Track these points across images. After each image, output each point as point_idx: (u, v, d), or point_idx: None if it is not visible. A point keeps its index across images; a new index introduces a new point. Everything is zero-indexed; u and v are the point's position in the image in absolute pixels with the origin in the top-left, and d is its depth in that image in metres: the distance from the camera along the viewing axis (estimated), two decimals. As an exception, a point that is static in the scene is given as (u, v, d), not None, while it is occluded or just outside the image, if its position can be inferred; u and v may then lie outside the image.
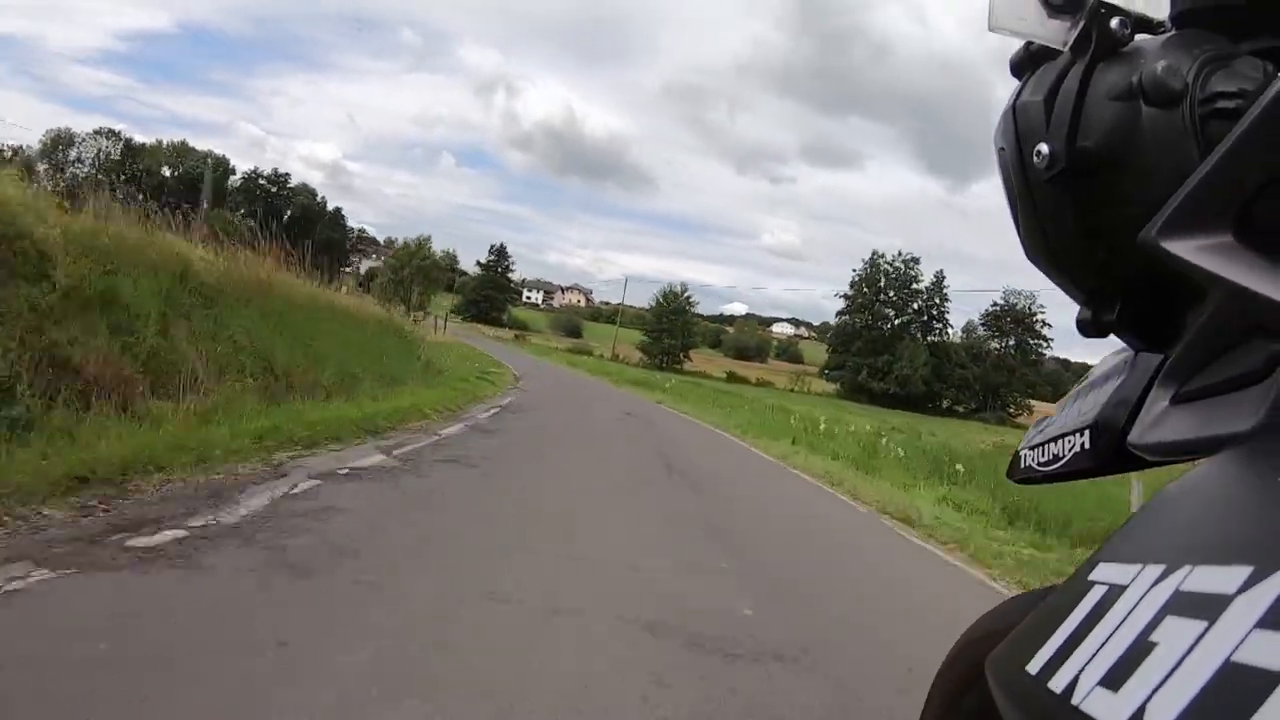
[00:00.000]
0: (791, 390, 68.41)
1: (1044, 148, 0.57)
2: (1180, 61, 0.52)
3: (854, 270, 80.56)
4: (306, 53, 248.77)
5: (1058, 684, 0.43)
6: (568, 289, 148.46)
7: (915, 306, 78.33)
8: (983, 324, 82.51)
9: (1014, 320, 78.42)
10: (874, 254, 79.33)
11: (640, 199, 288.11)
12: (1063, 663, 0.44)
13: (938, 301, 78.48)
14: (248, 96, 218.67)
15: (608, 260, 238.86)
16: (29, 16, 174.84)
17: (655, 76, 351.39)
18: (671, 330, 78.73)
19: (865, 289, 78.35)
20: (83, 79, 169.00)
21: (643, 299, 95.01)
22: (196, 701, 2.11)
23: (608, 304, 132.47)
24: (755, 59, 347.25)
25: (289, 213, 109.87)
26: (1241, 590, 0.34)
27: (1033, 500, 8.45)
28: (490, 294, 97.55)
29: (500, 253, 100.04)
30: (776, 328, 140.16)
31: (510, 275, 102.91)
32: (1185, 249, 0.46)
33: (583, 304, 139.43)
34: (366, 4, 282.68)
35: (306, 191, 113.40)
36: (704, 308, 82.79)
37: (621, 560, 4.35)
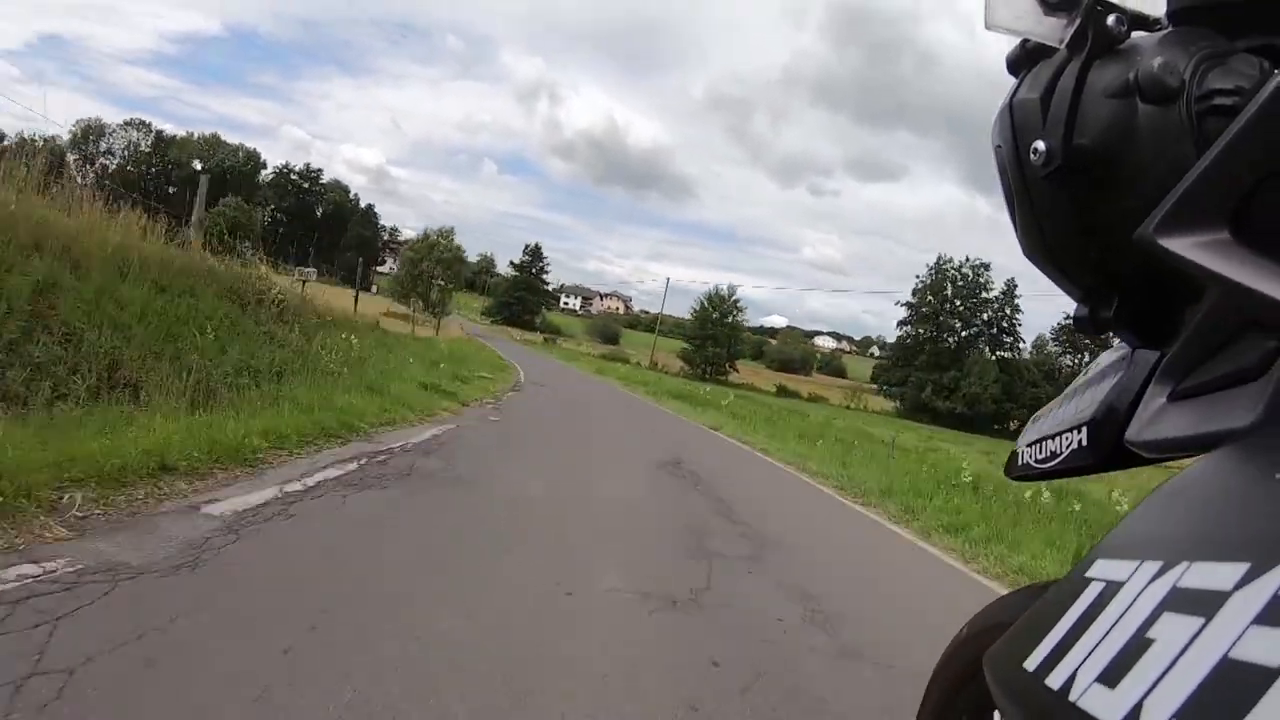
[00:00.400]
0: (848, 407, 61.87)
1: (1040, 145, 0.57)
2: (1177, 59, 0.52)
3: (918, 277, 73.29)
4: (352, 58, 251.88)
5: (1055, 680, 0.43)
6: (606, 296, 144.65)
7: (985, 317, 70.75)
8: (1054, 339, 74.72)
9: (1089, 337, 70.40)
10: (940, 259, 71.67)
11: (681, 209, 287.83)
12: (1060, 659, 0.44)
13: (1008, 313, 70.77)
14: (294, 100, 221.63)
15: (647, 270, 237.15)
16: (79, 17, 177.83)
17: (698, 86, 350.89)
18: (716, 337, 71.20)
19: (930, 297, 71.01)
20: (131, 79, 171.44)
21: (683, 308, 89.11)
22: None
23: (647, 312, 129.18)
24: (799, 70, 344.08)
25: (320, 209, 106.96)
26: (1239, 586, 0.34)
27: None
28: (523, 296, 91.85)
29: (535, 253, 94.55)
30: (818, 341, 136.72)
31: (545, 277, 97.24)
32: (1182, 246, 0.46)
33: (622, 311, 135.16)
34: (412, 10, 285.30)
35: (339, 188, 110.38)
36: (743, 319, 75.60)
37: None
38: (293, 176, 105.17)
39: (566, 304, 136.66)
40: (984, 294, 70.28)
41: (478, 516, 4.42)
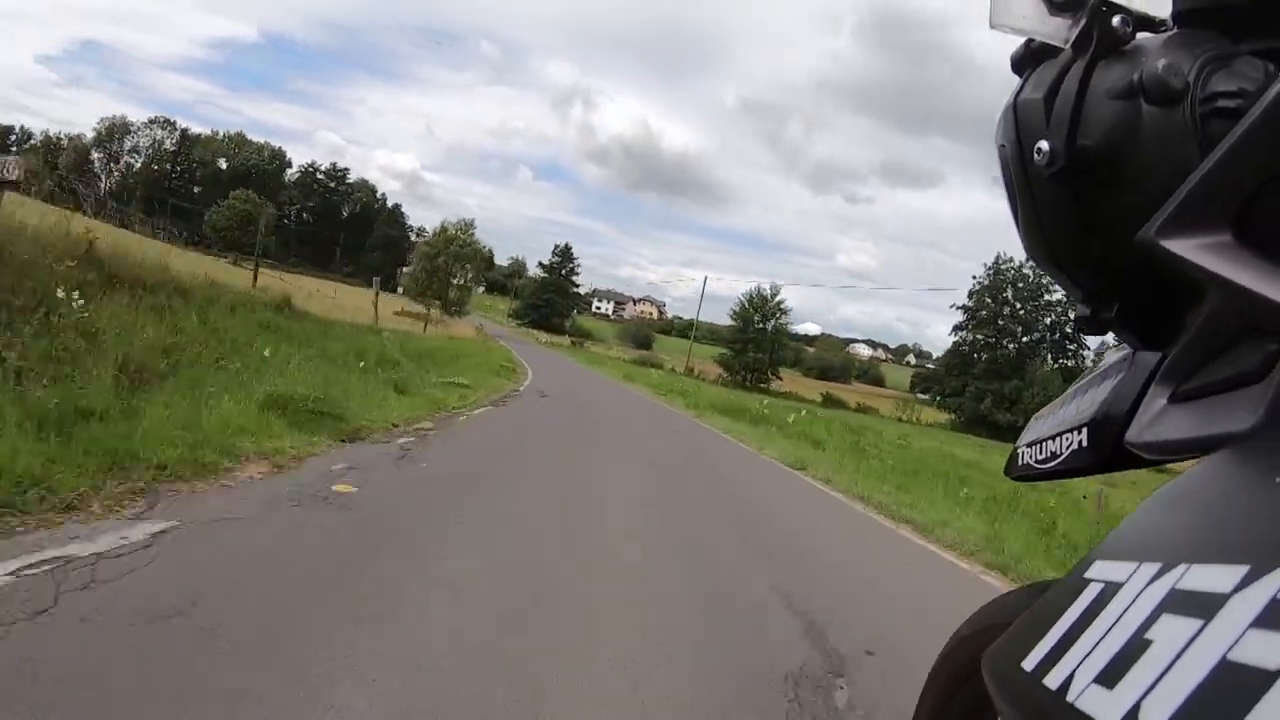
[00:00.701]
0: (900, 419, 56.55)
1: (1044, 145, 0.57)
2: (1181, 60, 0.52)
3: (974, 278, 67.39)
4: (387, 64, 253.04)
5: (1053, 680, 0.43)
6: (639, 300, 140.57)
7: (1048, 321, 64.86)
8: (1116, 346, 67.93)
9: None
10: (998, 258, 65.61)
11: (715, 216, 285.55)
12: (1058, 659, 0.44)
13: (1072, 317, 64.48)
14: (329, 105, 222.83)
15: (681, 276, 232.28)
16: (117, 23, 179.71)
17: (732, 92, 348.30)
18: (758, 342, 65.20)
19: (988, 300, 65.30)
20: (168, 84, 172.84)
21: (718, 315, 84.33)
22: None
23: (680, 318, 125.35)
24: (834, 75, 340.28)
25: (347, 210, 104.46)
26: (1237, 589, 0.34)
27: None
28: (552, 298, 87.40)
29: (565, 253, 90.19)
30: (853, 349, 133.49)
31: (575, 278, 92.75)
32: (1184, 248, 0.46)
33: (655, 316, 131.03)
34: (446, 17, 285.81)
35: (366, 188, 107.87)
36: (786, 321, 70.00)
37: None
38: (319, 176, 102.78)
39: (599, 308, 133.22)
40: (1046, 296, 64.24)
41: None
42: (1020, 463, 0.79)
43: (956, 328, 66.46)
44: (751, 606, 3.56)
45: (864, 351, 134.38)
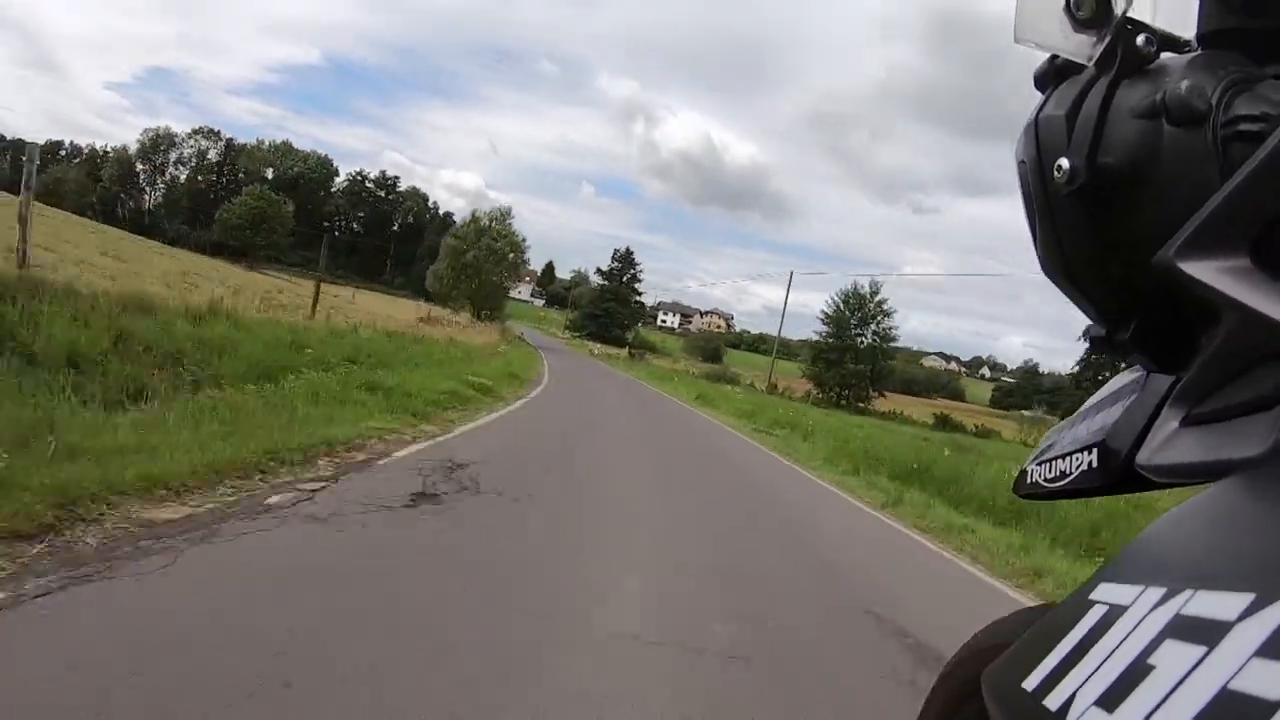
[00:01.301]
0: (1024, 444, 45.67)
1: (1065, 163, 0.55)
2: (1204, 82, 0.51)
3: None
4: (449, 84, 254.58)
5: (1053, 702, 0.42)
6: (706, 313, 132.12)
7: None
8: None
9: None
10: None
11: (780, 229, 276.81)
12: (1059, 680, 0.43)
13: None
14: (393, 127, 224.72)
15: (747, 291, 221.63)
16: (186, 50, 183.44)
17: (794, 104, 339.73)
18: (858, 351, 53.45)
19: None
20: (236, 108, 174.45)
21: (789, 330, 74.04)
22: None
23: (748, 331, 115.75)
24: (896, 84, 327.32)
25: (398, 220, 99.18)
26: (1242, 617, 0.33)
27: None
28: (611, 308, 78.26)
29: (626, 258, 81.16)
30: (926, 362, 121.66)
31: (638, 285, 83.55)
32: (1202, 270, 0.45)
33: (723, 329, 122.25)
34: (508, 37, 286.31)
35: (416, 197, 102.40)
36: (890, 325, 58.56)
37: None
38: (368, 184, 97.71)
39: (664, 321, 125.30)
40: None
41: None
42: (1029, 480, 0.77)
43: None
44: None
45: (938, 364, 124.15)
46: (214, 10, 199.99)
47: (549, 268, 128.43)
